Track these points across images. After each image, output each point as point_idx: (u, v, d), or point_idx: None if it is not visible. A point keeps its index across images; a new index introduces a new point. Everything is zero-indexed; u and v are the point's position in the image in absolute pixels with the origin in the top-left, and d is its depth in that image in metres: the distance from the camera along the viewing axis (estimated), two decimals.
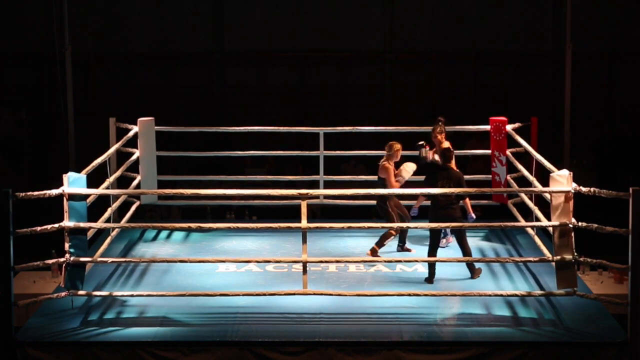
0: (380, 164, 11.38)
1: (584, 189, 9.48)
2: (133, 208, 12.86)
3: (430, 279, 10.60)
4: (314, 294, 9.72)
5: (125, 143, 12.52)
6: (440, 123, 11.81)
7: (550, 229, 9.78)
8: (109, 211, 11.56)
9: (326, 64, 19.54)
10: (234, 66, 19.58)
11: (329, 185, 13.68)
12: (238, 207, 15.50)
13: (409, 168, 11.42)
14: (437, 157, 11.29)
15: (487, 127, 13.02)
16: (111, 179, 11.69)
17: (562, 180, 9.52)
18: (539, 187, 10.90)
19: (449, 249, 11.74)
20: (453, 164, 11.14)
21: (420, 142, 11.54)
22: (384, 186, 11.26)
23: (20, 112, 18.96)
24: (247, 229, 12.25)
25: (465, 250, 10.79)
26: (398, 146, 11.37)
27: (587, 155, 18.02)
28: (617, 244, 9.99)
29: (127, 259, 11.30)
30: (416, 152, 11.53)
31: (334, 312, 9.69)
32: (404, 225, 10.96)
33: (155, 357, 9.04)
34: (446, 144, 11.49)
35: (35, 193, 9.45)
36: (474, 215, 11.04)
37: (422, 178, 11.18)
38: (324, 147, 13.36)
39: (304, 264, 9.63)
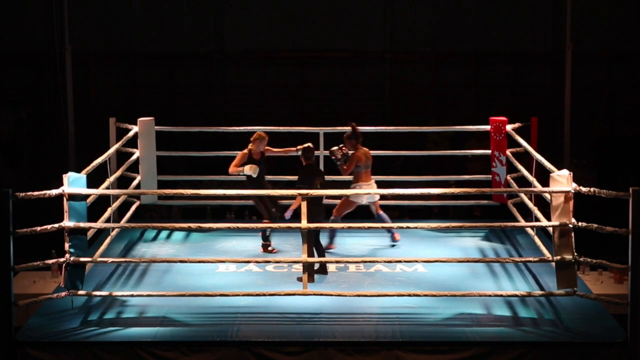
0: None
1: (584, 189, 9.48)
2: (133, 208, 12.86)
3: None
4: (314, 294, 9.71)
5: (125, 143, 12.51)
6: (352, 129, 11.84)
7: (550, 229, 9.78)
8: (109, 211, 11.56)
9: (326, 64, 19.52)
10: (234, 66, 19.56)
11: (329, 185, 13.65)
12: (238, 207, 15.49)
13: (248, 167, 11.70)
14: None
15: (487, 127, 13.01)
16: (111, 179, 11.69)
17: (562, 180, 9.52)
18: (538, 187, 10.89)
19: (446, 248, 11.76)
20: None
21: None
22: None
23: (20, 112, 18.96)
24: (247, 229, 12.23)
25: (315, 249, 10.73)
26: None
27: (587, 155, 18.01)
28: (617, 244, 9.99)
29: (127, 259, 11.29)
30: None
31: (333, 312, 9.68)
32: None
33: (155, 357, 9.04)
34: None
35: (35, 193, 9.45)
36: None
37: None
38: (324, 147, 13.36)
39: (304, 264, 9.63)
